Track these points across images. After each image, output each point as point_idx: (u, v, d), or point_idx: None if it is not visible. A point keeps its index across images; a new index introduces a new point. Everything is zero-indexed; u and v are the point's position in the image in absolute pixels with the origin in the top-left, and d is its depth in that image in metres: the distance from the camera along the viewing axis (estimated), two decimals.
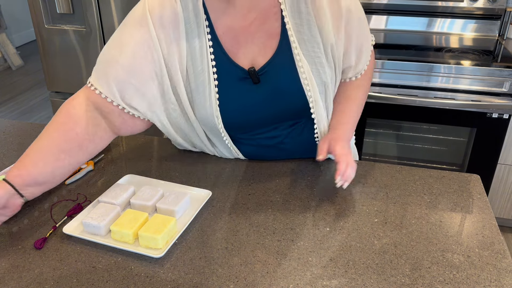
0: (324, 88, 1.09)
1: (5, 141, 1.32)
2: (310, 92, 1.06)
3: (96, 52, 2.37)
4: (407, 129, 2.26)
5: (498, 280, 0.83)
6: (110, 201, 0.99)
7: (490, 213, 1.00)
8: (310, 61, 1.05)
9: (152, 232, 0.88)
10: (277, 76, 1.06)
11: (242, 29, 1.04)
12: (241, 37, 1.05)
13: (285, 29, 1.04)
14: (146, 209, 0.98)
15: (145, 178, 1.11)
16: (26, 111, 3.89)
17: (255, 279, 0.83)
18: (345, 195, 1.06)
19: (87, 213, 0.99)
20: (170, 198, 0.99)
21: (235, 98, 1.07)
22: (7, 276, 0.84)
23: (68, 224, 0.95)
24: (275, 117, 1.11)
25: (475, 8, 2.34)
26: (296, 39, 1.04)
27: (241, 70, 1.05)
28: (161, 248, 0.88)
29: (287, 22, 1.03)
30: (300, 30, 1.04)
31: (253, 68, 1.05)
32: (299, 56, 1.05)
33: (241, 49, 1.05)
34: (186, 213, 0.99)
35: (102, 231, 0.92)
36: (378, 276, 0.83)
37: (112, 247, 0.90)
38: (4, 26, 4.77)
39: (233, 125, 1.11)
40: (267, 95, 1.07)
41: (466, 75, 2.00)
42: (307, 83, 1.06)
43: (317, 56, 1.05)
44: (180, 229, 0.93)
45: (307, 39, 1.04)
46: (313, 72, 1.06)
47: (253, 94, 1.07)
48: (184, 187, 1.07)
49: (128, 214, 0.94)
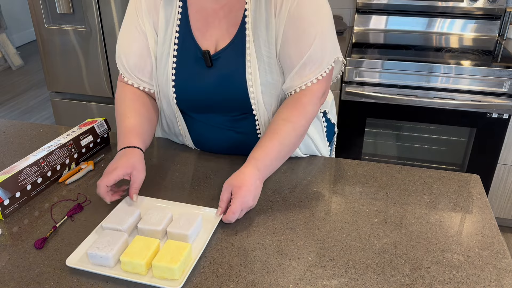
0: (269, 89, 1.09)
1: (5, 141, 1.32)
2: (253, 88, 1.08)
3: (96, 52, 2.37)
4: (407, 129, 2.26)
5: (498, 280, 0.83)
6: (115, 227, 0.91)
7: (490, 213, 1.00)
8: (259, 58, 1.07)
9: (168, 262, 0.80)
10: (226, 65, 1.08)
11: (213, 11, 1.09)
12: (210, 18, 1.09)
13: (244, 21, 1.06)
14: (155, 235, 0.90)
15: (146, 198, 1.03)
16: (26, 111, 3.89)
17: (255, 279, 0.83)
18: (345, 195, 1.06)
19: (91, 242, 0.89)
20: (181, 222, 0.91)
21: (189, 76, 1.11)
22: (7, 276, 0.84)
23: (72, 256, 0.86)
24: (221, 105, 1.13)
25: (475, 8, 2.34)
26: (251, 34, 1.06)
27: (200, 51, 1.10)
28: (178, 278, 0.81)
29: (247, 15, 1.06)
30: (257, 26, 1.06)
31: (208, 51, 1.08)
32: (249, 51, 1.06)
33: (208, 30, 1.10)
34: (199, 236, 0.91)
35: (110, 262, 0.83)
36: (378, 276, 0.84)
37: (123, 279, 0.82)
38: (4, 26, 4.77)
39: (185, 102, 1.15)
40: (216, 80, 1.09)
41: (466, 75, 2.01)
42: (251, 77, 1.07)
43: (267, 55, 1.07)
44: (196, 256, 0.86)
45: (261, 36, 1.06)
46: (260, 70, 1.07)
47: (204, 76, 1.10)
48: (193, 207, 0.99)
49: (138, 242, 0.85)
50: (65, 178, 1.12)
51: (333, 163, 1.19)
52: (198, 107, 1.15)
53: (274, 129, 1.05)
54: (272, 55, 1.07)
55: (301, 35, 1.04)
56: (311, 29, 1.04)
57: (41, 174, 1.07)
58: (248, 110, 1.12)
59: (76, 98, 2.58)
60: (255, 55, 1.06)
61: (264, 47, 1.06)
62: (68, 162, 1.16)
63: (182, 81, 1.11)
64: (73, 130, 1.23)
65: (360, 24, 2.51)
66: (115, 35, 2.33)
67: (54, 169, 1.11)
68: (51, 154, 1.11)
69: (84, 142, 1.20)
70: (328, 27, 1.07)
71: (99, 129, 1.25)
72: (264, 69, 1.07)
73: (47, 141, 1.29)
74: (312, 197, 1.06)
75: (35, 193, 1.07)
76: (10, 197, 1.00)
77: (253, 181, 0.97)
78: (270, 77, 1.08)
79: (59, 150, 1.13)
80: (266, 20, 1.05)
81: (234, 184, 0.97)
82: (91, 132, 1.23)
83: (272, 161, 1.03)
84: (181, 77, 1.11)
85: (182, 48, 1.11)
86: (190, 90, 1.12)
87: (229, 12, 1.08)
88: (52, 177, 1.11)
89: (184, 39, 1.10)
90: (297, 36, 1.05)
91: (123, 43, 1.16)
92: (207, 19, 1.09)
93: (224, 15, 1.08)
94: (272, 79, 1.08)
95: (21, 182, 1.03)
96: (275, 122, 1.06)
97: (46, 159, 1.09)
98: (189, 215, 0.93)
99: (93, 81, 2.46)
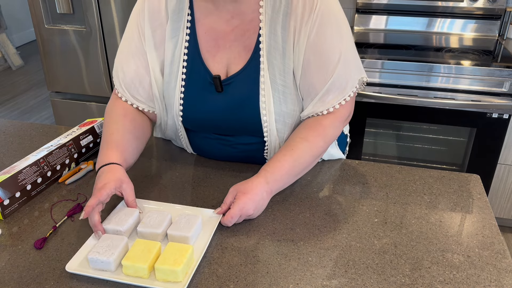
0: (282, 119, 1.06)
1: (5, 141, 1.32)
2: (266, 117, 1.04)
3: (96, 52, 2.37)
4: (407, 129, 2.26)
5: (498, 280, 0.83)
6: (116, 228, 0.90)
7: (490, 213, 1.00)
8: (274, 88, 1.03)
9: (171, 264, 0.80)
10: (239, 91, 1.04)
11: (223, 33, 1.04)
12: (220, 40, 1.05)
13: (258, 47, 1.02)
14: (156, 237, 0.90)
15: (144, 201, 1.02)
16: (26, 111, 3.89)
17: (255, 279, 0.83)
18: (345, 195, 1.06)
19: (91, 246, 0.88)
20: (181, 223, 0.90)
21: (197, 99, 1.07)
22: (7, 276, 0.84)
23: (71, 261, 0.85)
24: (230, 128, 1.10)
25: (475, 8, 2.34)
26: (266, 61, 1.01)
27: (209, 75, 1.05)
28: (181, 281, 0.81)
29: (262, 41, 1.01)
30: (272, 53, 1.01)
31: (218, 76, 1.04)
32: (264, 79, 1.02)
33: (219, 52, 1.05)
34: (199, 238, 0.91)
35: (112, 267, 0.83)
36: (378, 276, 0.83)
37: (126, 283, 0.81)
38: (4, 26, 4.77)
39: (192, 123, 1.12)
40: (226, 106, 1.06)
41: (466, 75, 2.00)
42: (264, 106, 1.03)
43: (282, 84, 1.03)
44: (197, 257, 0.86)
45: (277, 65, 1.01)
46: (274, 100, 1.03)
47: (214, 101, 1.06)
48: (192, 209, 0.99)
49: (139, 245, 0.85)
50: (65, 178, 1.12)
51: (333, 163, 1.19)
52: (205, 127, 1.13)
53: (291, 145, 1.03)
54: (288, 84, 1.03)
55: (323, 62, 1.00)
56: (333, 54, 1.00)
57: (41, 174, 1.07)
58: (259, 135, 1.09)
59: (76, 98, 2.58)
60: (270, 84, 1.02)
61: (280, 75, 1.02)
62: (68, 162, 1.16)
63: (190, 103, 1.08)
64: (73, 130, 1.23)
65: (360, 24, 2.51)
66: (115, 35, 2.33)
67: (54, 169, 1.11)
68: (51, 154, 1.11)
69: (84, 142, 1.20)
70: (350, 47, 1.02)
71: (99, 129, 1.25)
72: (279, 98, 1.03)
73: (47, 141, 1.29)
74: (312, 197, 1.06)
75: (35, 193, 1.06)
76: (10, 197, 1.00)
77: (259, 192, 0.96)
78: (284, 107, 1.04)
79: (59, 150, 1.13)
80: (283, 49, 1.00)
81: (239, 190, 0.96)
82: (91, 132, 1.23)
83: (283, 177, 1.01)
84: (189, 99, 1.08)
85: (191, 71, 1.06)
86: (199, 112, 1.08)
87: (241, 36, 1.03)
88: (52, 177, 1.11)
89: (193, 61, 1.06)
90: (319, 63, 1.00)
91: (121, 58, 1.11)
92: (217, 41, 1.04)
93: (235, 38, 1.04)
94: (286, 108, 1.05)
95: (21, 182, 1.03)
96: (293, 139, 1.04)
97: (46, 159, 1.09)
98: (188, 217, 0.92)
99: (93, 81, 2.46)
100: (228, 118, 1.07)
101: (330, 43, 1.00)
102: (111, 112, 1.12)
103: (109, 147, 1.03)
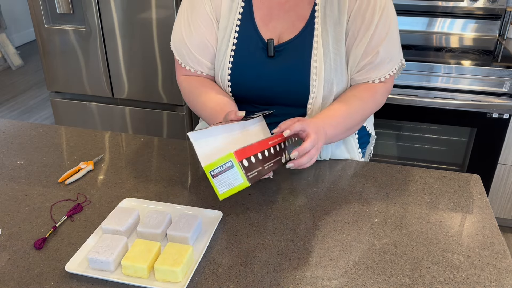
0: (329, 86, 1.08)
1: (5, 141, 1.32)
2: (316, 83, 1.07)
3: (96, 52, 2.37)
4: (407, 129, 2.26)
5: (498, 280, 0.83)
6: (115, 228, 0.90)
7: (490, 213, 1.00)
8: (326, 55, 1.06)
9: (170, 265, 0.80)
10: (291, 57, 1.07)
11: (278, 3, 1.09)
12: (274, 10, 1.09)
13: (313, 16, 1.06)
14: (155, 238, 0.90)
15: (144, 201, 1.02)
16: (26, 111, 3.88)
17: (255, 279, 0.83)
18: (345, 195, 1.06)
19: (90, 245, 0.89)
20: (181, 224, 0.90)
21: (247, 64, 1.10)
22: (7, 276, 0.84)
23: (71, 261, 0.85)
24: (277, 96, 1.12)
25: (475, 8, 2.34)
26: (320, 29, 1.05)
27: (261, 40, 1.09)
28: (181, 281, 0.81)
29: (317, 10, 1.05)
30: (327, 22, 1.05)
31: (272, 40, 1.07)
32: (317, 45, 1.05)
33: (272, 22, 1.09)
34: (199, 238, 0.91)
35: (111, 267, 0.83)
36: (378, 276, 0.83)
37: (125, 284, 0.81)
38: (4, 26, 4.77)
39: (240, 90, 1.13)
40: (277, 71, 1.08)
41: (466, 75, 2.00)
42: (315, 71, 1.06)
43: (334, 52, 1.06)
44: (197, 258, 0.86)
45: (330, 33, 1.05)
46: (325, 67, 1.06)
47: (264, 67, 1.09)
48: (192, 209, 0.99)
49: (139, 245, 0.85)
50: (65, 178, 1.12)
51: (333, 163, 1.19)
52: (250, 94, 1.14)
53: (344, 100, 1.07)
54: (339, 52, 1.06)
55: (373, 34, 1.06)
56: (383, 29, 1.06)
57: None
58: (301, 104, 1.11)
59: (76, 98, 2.58)
60: (322, 51, 1.05)
61: (333, 43, 1.06)
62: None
63: (240, 67, 1.11)
64: None
65: None
66: (115, 35, 2.33)
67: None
68: None
69: None
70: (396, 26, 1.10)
71: None
72: (330, 65, 1.07)
73: (47, 141, 1.29)
74: (312, 197, 1.05)
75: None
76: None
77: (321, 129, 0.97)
78: (334, 75, 1.07)
79: None
80: (337, 18, 1.05)
81: (308, 122, 0.94)
82: None
83: (338, 125, 1.03)
84: (239, 64, 1.11)
85: (243, 36, 1.10)
86: (247, 77, 1.11)
87: (295, 6, 1.07)
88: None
89: (246, 27, 1.10)
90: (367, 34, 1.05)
91: (181, 30, 1.14)
92: (271, 10, 1.09)
93: (290, 8, 1.08)
94: (336, 76, 1.08)
95: None
96: (346, 95, 1.08)
97: None
98: (188, 217, 0.92)
99: (93, 81, 2.45)
100: (276, 84, 1.09)
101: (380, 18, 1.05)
102: (192, 88, 1.16)
103: (213, 111, 1.08)
